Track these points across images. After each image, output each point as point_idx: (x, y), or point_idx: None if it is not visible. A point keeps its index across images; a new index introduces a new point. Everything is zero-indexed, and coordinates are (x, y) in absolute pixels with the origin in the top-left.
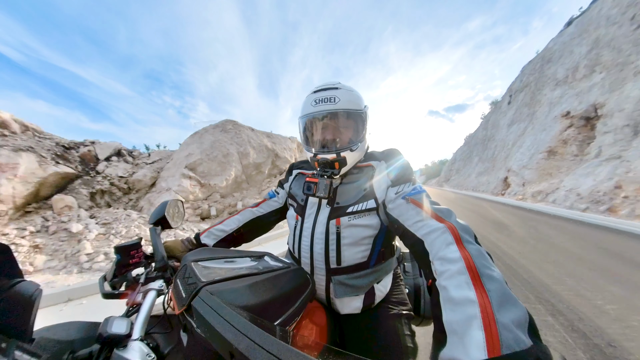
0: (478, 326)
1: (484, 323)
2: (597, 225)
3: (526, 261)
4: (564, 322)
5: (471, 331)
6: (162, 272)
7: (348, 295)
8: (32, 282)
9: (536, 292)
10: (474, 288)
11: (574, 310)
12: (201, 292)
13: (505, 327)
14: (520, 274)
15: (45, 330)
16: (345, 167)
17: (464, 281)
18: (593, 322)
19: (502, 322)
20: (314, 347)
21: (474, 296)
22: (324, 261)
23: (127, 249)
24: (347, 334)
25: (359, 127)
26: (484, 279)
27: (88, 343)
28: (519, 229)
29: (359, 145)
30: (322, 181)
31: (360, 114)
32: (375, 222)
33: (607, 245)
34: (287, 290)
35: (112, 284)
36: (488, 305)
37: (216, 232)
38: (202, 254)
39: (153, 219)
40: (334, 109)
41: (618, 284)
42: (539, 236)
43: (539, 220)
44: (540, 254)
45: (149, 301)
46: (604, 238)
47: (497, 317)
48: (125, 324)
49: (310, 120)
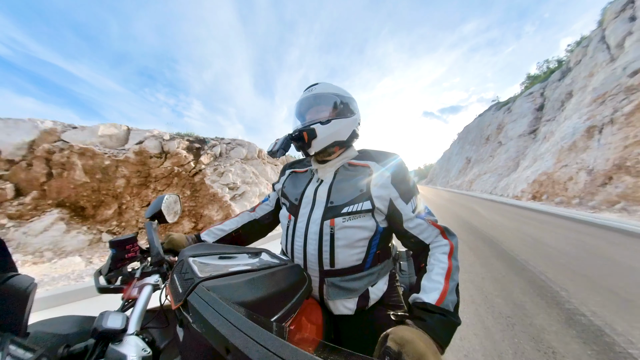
0: (437, 292)
1: (440, 294)
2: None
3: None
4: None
5: (433, 293)
6: (158, 267)
7: (341, 298)
8: (26, 275)
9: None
10: (443, 280)
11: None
12: (198, 287)
13: (448, 299)
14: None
15: (40, 324)
16: (316, 141)
17: (440, 274)
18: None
19: (449, 298)
20: (309, 343)
21: (442, 282)
22: (317, 262)
23: (123, 243)
24: (342, 333)
25: (333, 108)
26: (451, 278)
27: (83, 337)
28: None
29: (333, 121)
30: (282, 138)
31: (335, 96)
32: (370, 223)
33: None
34: (284, 287)
35: (108, 278)
36: (446, 288)
37: (216, 231)
38: (199, 250)
39: (149, 213)
40: (309, 94)
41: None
42: (461, 200)
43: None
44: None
45: (145, 296)
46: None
47: (447, 294)
48: (121, 319)
49: (295, 108)
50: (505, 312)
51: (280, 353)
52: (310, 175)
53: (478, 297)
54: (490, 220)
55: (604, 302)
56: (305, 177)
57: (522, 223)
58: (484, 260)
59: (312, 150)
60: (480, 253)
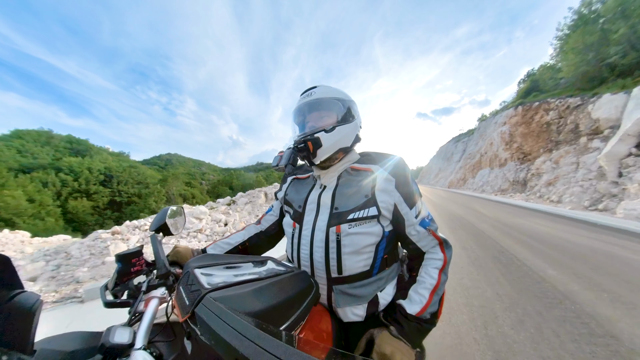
0: (419, 306)
1: (422, 308)
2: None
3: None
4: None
5: (415, 306)
6: (164, 280)
7: (350, 305)
8: (32, 292)
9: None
10: (429, 295)
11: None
12: (205, 299)
13: (428, 311)
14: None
15: (47, 341)
16: (322, 150)
17: (427, 289)
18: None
19: (429, 310)
20: (320, 350)
21: (427, 297)
22: (325, 270)
23: (128, 257)
24: (352, 340)
25: (336, 113)
26: (436, 292)
27: (90, 353)
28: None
29: (337, 128)
30: (287, 151)
31: (337, 101)
32: (377, 229)
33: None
34: (292, 294)
35: (114, 293)
36: (429, 303)
37: (222, 245)
38: (204, 260)
39: (154, 226)
40: (310, 99)
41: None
42: (430, 188)
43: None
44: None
45: (152, 309)
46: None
47: (428, 307)
48: (128, 333)
49: (293, 115)
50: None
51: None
52: (312, 181)
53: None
54: (437, 192)
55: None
56: (308, 183)
57: (447, 193)
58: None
59: (317, 160)
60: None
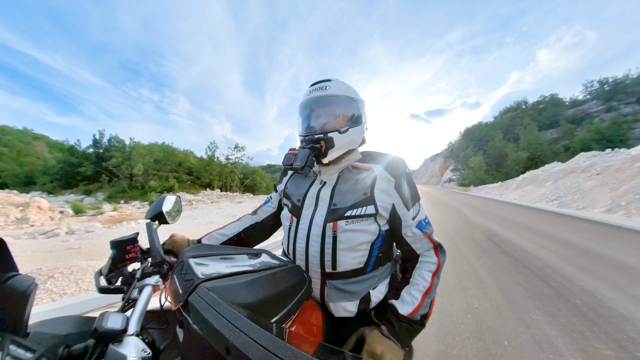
0: (411, 307)
1: (413, 310)
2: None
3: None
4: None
5: (407, 307)
6: (159, 268)
7: (342, 300)
8: (27, 275)
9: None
10: (421, 297)
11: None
12: (198, 288)
13: (419, 313)
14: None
15: (40, 324)
16: (333, 151)
17: (420, 292)
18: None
19: (420, 312)
20: (309, 344)
21: (419, 299)
22: (319, 264)
23: (123, 244)
24: (342, 334)
25: (350, 113)
26: (428, 295)
27: (83, 338)
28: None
29: (350, 130)
30: (302, 151)
31: (352, 101)
32: (373, 227)
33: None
34: (284, 288)
35: (108, 279)
36: (420, 305)
37: (217, 236)
38: (199, 250)
39: (150, 214)
40: (325, 94)
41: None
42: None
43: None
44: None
45: (145, 296)
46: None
47: (420, 309)
48: (121, 319)
49: (304, 106)
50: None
51: (281, 354)
52: (313, 176)
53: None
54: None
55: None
56: (308, 177)
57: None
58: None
59: (327, 160)
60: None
